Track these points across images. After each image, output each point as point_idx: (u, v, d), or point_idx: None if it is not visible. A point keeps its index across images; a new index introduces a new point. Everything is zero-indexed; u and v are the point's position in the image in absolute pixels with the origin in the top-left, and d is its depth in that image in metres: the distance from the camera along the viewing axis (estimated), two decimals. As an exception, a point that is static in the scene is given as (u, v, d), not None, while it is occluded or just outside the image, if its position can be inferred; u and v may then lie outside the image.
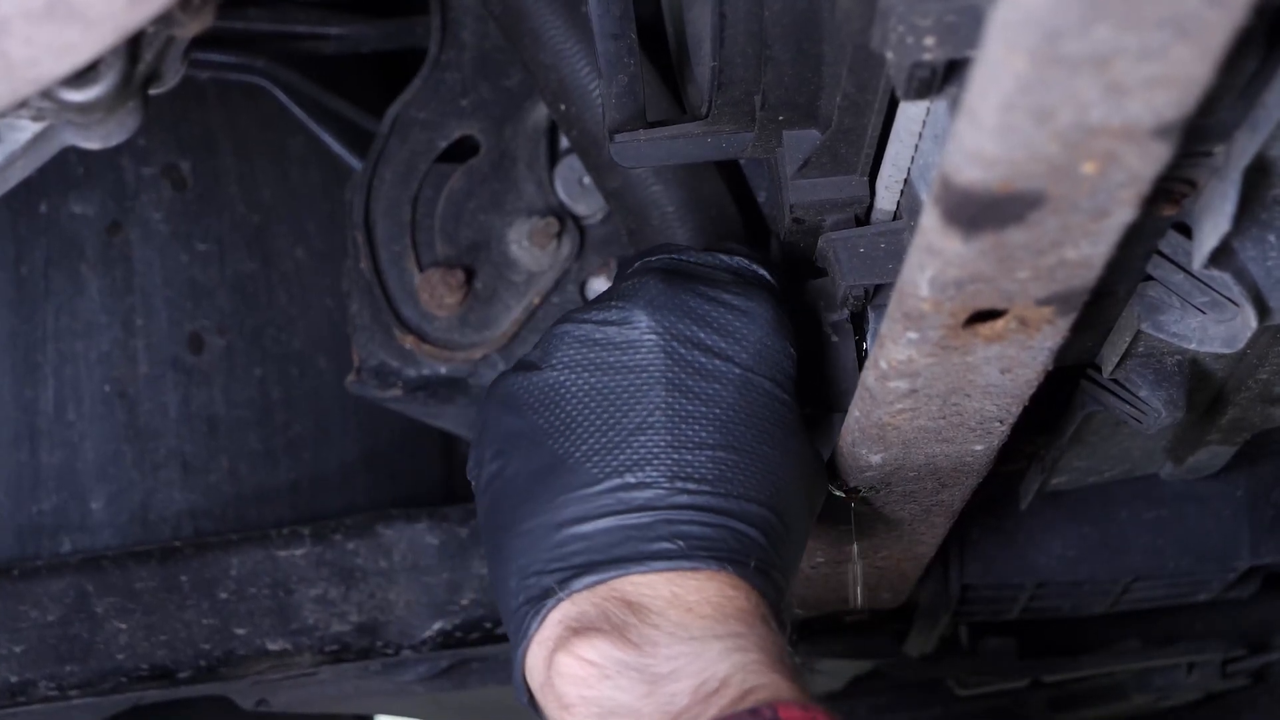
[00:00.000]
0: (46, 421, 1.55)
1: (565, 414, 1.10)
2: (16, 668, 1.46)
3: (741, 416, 1.09)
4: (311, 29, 1.64)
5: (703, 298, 1.12)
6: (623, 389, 1.10)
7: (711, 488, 1.07)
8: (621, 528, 1.06)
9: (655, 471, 1.07)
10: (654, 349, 1.10)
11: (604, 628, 1.03)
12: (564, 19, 1.33)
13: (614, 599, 1.05)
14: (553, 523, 1.08)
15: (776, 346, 1.12)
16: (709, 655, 1.01)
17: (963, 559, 1.69)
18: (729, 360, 1.10)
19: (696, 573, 1.05)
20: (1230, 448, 1.35)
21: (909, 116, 0.98)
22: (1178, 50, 0.66)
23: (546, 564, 1.07)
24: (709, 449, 1.08)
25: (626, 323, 1.11)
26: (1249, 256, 1.00)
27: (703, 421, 1.08)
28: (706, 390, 1.09)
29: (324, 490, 1.67)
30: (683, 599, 1.04)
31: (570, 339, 1.12)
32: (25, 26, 0.82)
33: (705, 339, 1.11)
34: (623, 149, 1.12)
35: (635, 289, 1.13)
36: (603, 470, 1.08)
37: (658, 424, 1.08)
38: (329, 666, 1.52)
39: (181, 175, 1.62)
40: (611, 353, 1.11)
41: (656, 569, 1.05)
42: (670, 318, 1.11)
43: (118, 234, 1.59)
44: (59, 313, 1.56)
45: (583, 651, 1.03)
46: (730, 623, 1.03)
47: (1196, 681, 2.04)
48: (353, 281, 1.50)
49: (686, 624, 1.03)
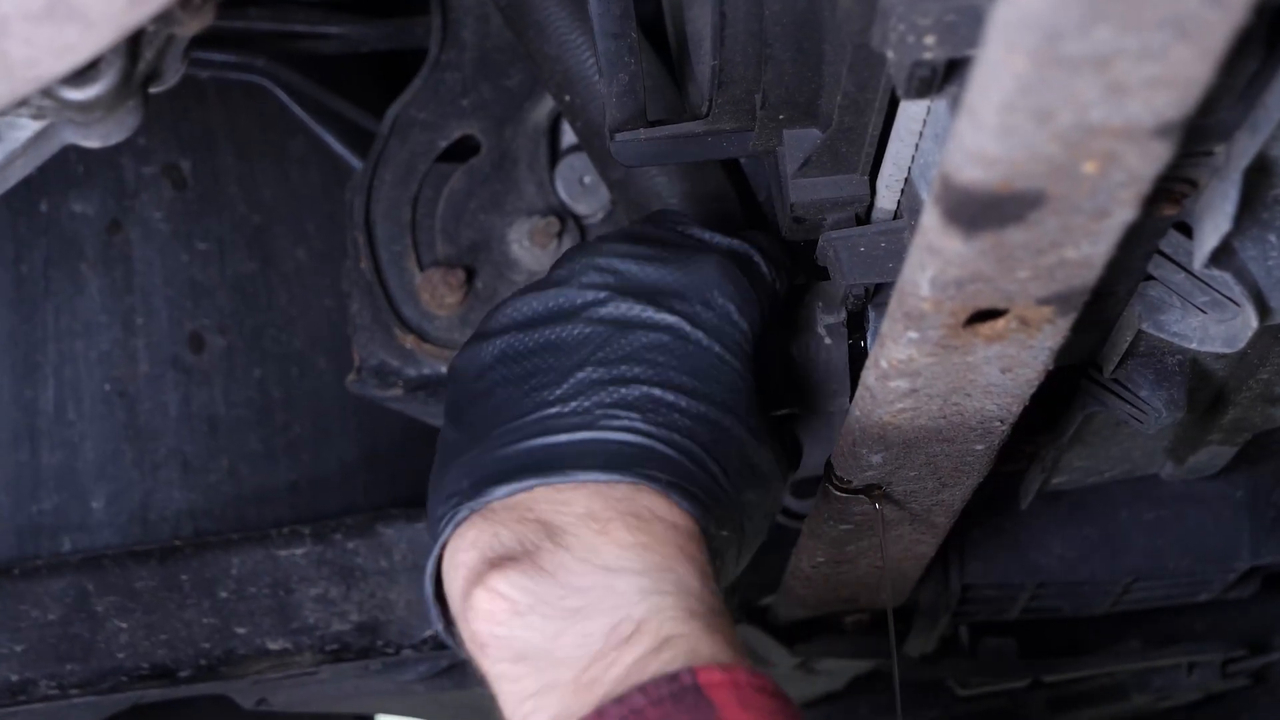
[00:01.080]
0: (47, 421, 1.55)
1: (511, 367, 1.11)
2: (17, 667, 1.46)
3: (679, 362, 1.09)
4: (312, 28, 1.64)
5: (645, 258, 1.12)
6: (560, 340, 1.10)
7: (642, 417, 1.06)
8: (544, 446, 1.06)
9: (586, 400, 1.07)
10: (590, 302, 1.10)
11: (517, 555, 1.01)
12: (569, 10, 1.33)
13: (529, 519, 1.03)
14: (481, 453, 1.08)
15: (721, 308, 1.11)
16: (623, 590, 0.99)
17: (963, 559, 1.69)
18: (670, 311, 1.10)
19: (614, 487, 1.03)
20: (1231, 448, 1.35)
21: (909, 115, 0.98)
22: (1178, 50, 0.66)
23: (464, 484, 1.07)
24: (642, 384, 1.07)
25: (568, 281, 1.12)
26: (1249, 256, 1.00)
27: (640, 360, 1.08)
28: (646, 337, 1.09)
29: (324, 490, 1.67)
30: (597, 516, 1.02)
31: (516, 306, 1.13)
32: (25, 26, 0.82)
33: (649, 295, 1.10)
34: (623, 148, 1.12)
35: (585, 248, 1.15)
36: (534, 403, 1.08)
37: (595, 360, 1.08)
38: (329, 666, 1.52)
39: (182, 174, 1.62)
40: (554, 311, 1.11)
41: (573, 479, 1.04)
42: (617, 276, 1.11)
43: (118, 233, 1.59)
44: (59, 312, 1.56)
45: (496, 583, 1.01)
46: (648, 555, 1.01)
47: (1197, 682, 2.04)
48: (353, 281, 1.50)
49: (600, 549, 1.01)
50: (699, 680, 0.92)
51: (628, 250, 1.13)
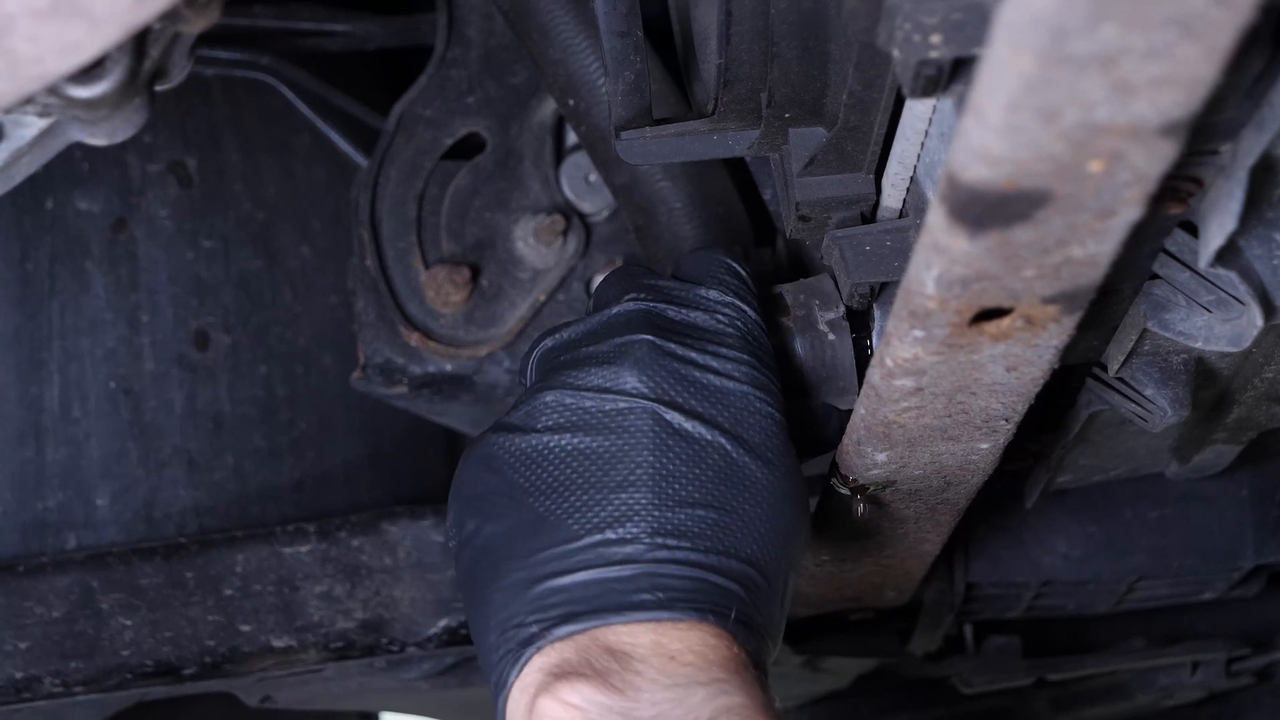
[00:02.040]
0: (52, 419, 1.56)
1: (548, 474, 1.10)
2: (22, 664, 1.46)
3: (724, 477, 1.10)
4: (317, 26, 1.64)
5: (686, 361, 1.12)
6: (606, 451, 1.10)
7: (693, 544, 1.07)
8: (602, 580, 1.06)
9: (637, 528, 1.07)
10: (640, 413, 1.10)
11: (587, 672, 1.03)
12: (572, 14, 1.33)
13: (596, 647, 1.04)
14: (532, 577, 1.08)
15: (758, 410, 1.12)
16: (692, 700, 1.01)
17: (968, 557, 1.69)
18: (712, 424, 1.10)
19: (678, 623, 1.05)
20: (1235, 447, 1.34)
21: (915, 114, 0.98)
22: (1184, 49, 0.66)
23: (526, 615, 1.07)
24: (690, 507, 1.08)
25: (615, 389, 1.11)
26: (1255, 255, 1.00)
27: (685, 480, 1.09)
28: (689, 451, 1.10)
29: (329, 487, 1.67)
30: (665, 647, 1.04)
31: (554, 405, 1.12)
32: (31, 24, 0.82)
33: (689, 403, 1.11)
34: (628, 146, 1.12)
35: (622, 351, 1.13)
36: (584, 526, 1.08)
37: (641, 482, 1.08)
38: (334, 663, 1.52)
39: (187, 172, 1.62)
40: (597, 417, 1.11)
41: (638, 619, 1.05)
42: (656, 382, 1.11)
43: (123, 231, 1.59)
44: (64, 310, 1.56)
45: (566, 695, 1.02)
46: (714, 670, 1.03)
47: (1201, 681, 2.03)
48: (358, 279, 1.50)
49: (669, 671, 1.03)
50: None
51: (667, 348, 1.13)
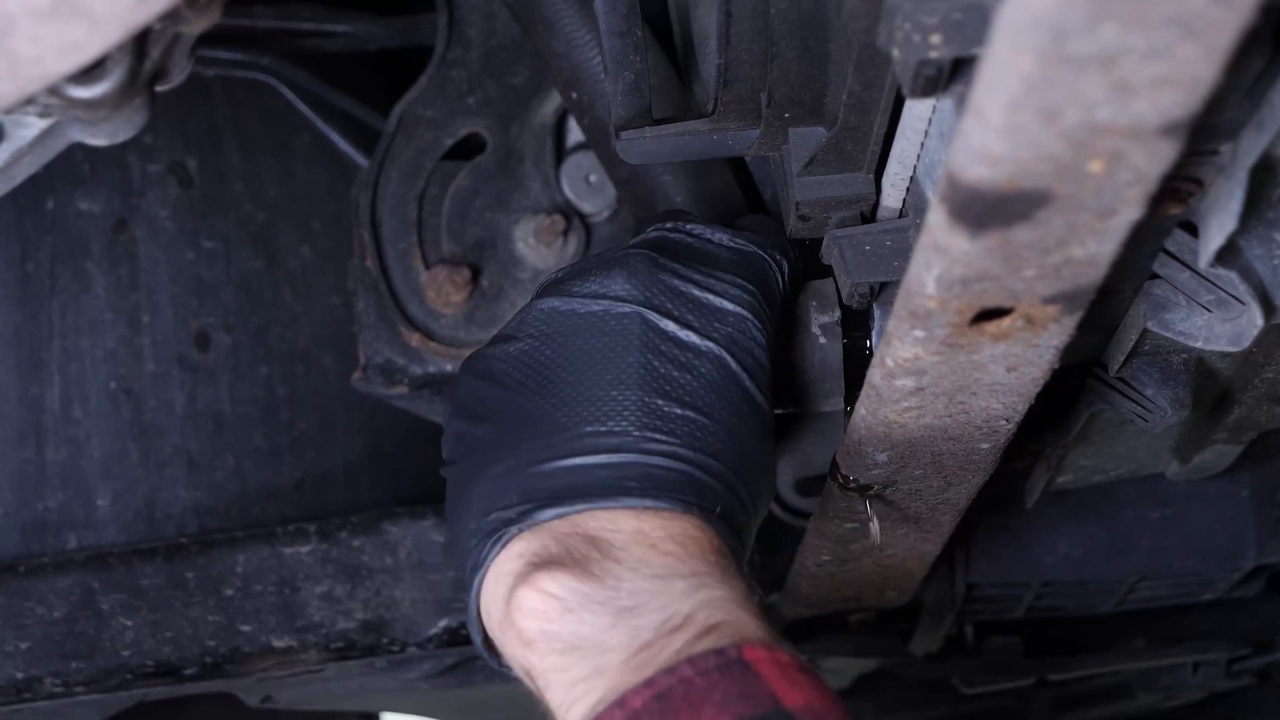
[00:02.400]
0: (52, 419, 1.56)
1: (538, 374, 1.11)
2: (22, 664, 1.46)
3: (712, 388, 1.10)
4: (318, 26, 1.64)
5: (685, 279, 1.13)
6: (596, 351, 1.10)
7: (681, 441, 1.07)
8: (588, 467, 1.06)
9: (626, 422, 1.07)
10: (629, 316, 1.11)
11: (566, 561, 1.03)
12: (576, 8, 1.33)
13: (576, 534, 1.04)
14: (518, 465, 1.08)
15: (751, 337, 1.13)
16: (673, 592, 1.01)
17: (968, 558, 1.69)
18: (704, 336, 1.11)
19: (661, 513, 1.05)
20: (1236, 447, 1.34)
21: (915, 114, 0.98)
22: (1184, 49, 0.66)
23: (509, 500, 1.07)
24: (680, 407, 1.08)
25: (603, 294, 1.12)
26: (1255, 255, 1.00)
27: (674, 384, 1.09)
28: (680, 358, 1.10)
29: (329, 488, 1.67)
30: (647, 535, 1.04)
31: (544, 311, 1.13)
32: (31, 24, 0.82)
33: (681, 314, 1.11)
34: (629, 146, 1.12)
35: (618, 259, 1.14)
36: (571, 419, 1.08)
37: (630, 381, 1.09)
38: (334, 664, 1.52)
39: (188, 172, 1.62)
40: (587, 320, 1.11)
41: (622, 504, 1.05)
42: (648, 290, 1.11)
43: (124, 231, 1.59)
44: (65, 310, 1.56)
45: (544, 584, 1.02)
46: (694, 562, 1.03)
47: (1202, 681, 2.03)
48: (358, 279, 1.50)
49: (650, 560, 1.03)
50: (745, 655, 0.95)
51: (660, 262, 1.13)
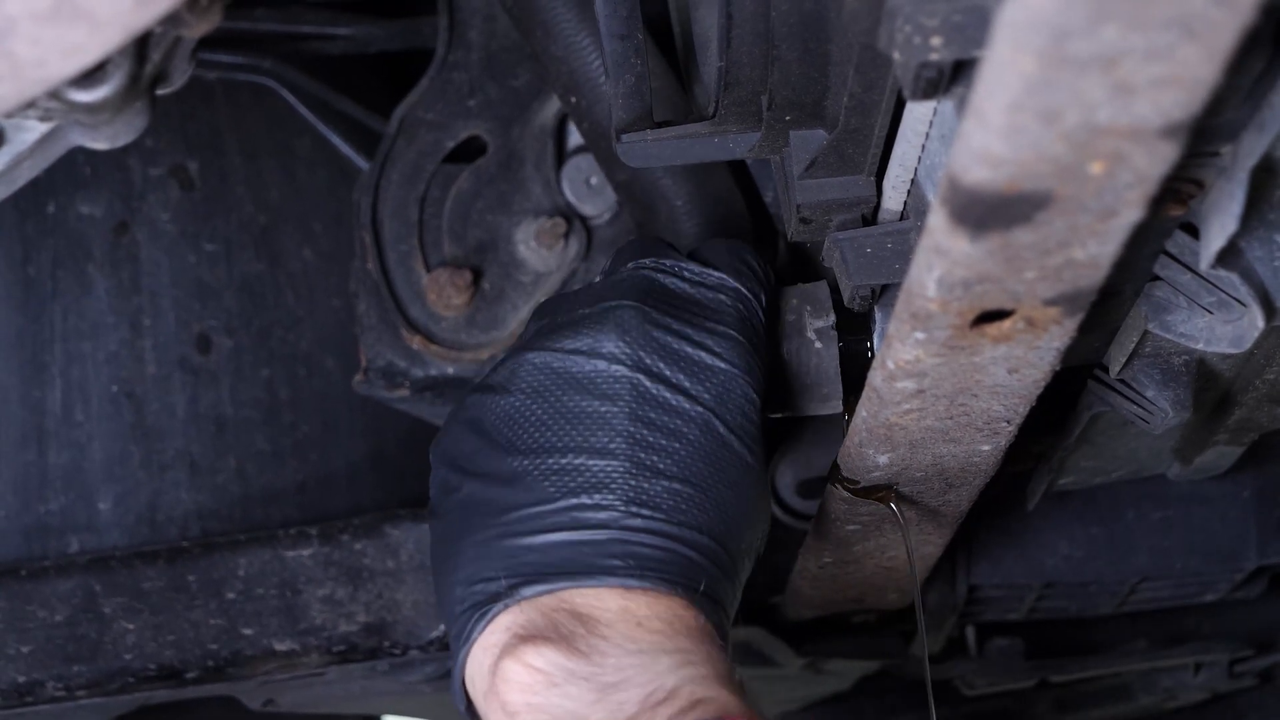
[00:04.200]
0: (54, 422, 1.56)
1: (525, 435, 1.11)
2: (24, 668, 1.46)
3: (700, 454, 1.10)
4: (319, 29, 1.64)
5: (674, 334, 1.13)
6: (585, 414, 1.10)
7: (666, 516, 1.08)
8: (574, 543, 1.07)
9: (612, 495, 1.08)
10: (620, 379, 1.11)
11: (552, 636, 1.04)
12: (575, 12, 1.33)
13: (563, 610, 1.05)
14: (505, 534, 1.08)
15: (740, 394, 1.13)
16: (658, 668, 1.02)
17: (970, 559, 1.69)
18: (693, 399, 1.11)
19: (647, 592, 1.06)
20: (1237, 448, 1.34)
21: (916, 117, 0.98)
22: (1185, 51, 0.66)
23: (495, 572, 1.07)
24: (666, 479, 1.09)
25: (595, 353, 1.12)
26: (1256, 256, 1.00)
27: (662, 454, 1.10)
28: (668, 425, 1.10)
29: (331, 490, 1.67)
30: (633, 613, 1.05)
31: (536, 366, 1.13)
32: (32, 27, 0.82)
33: (671, 375, 1.11)
34: (629, 149, 1.12)
35: (607, 315, 1.14)
36: (559, 489, 1.08)
37: (618, 451, 1.09)
38: (336, 667, 1.51)
39: (189, 176, 1.62)
40: (577, 380, 1.11)
41: (608, 584, 1.06)
42: (639, 350, 1.12)
43: (125, 234, 1.59)
44: (66, 313, 1.56)
45: (530, 658, 1.03)
46: (679, 639, 1.04)
47: (1203, 682, 2.03)
48: (360, 282, 1.50)
49: (635, 637, 1.04)
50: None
51: (650, 316, 1.13)
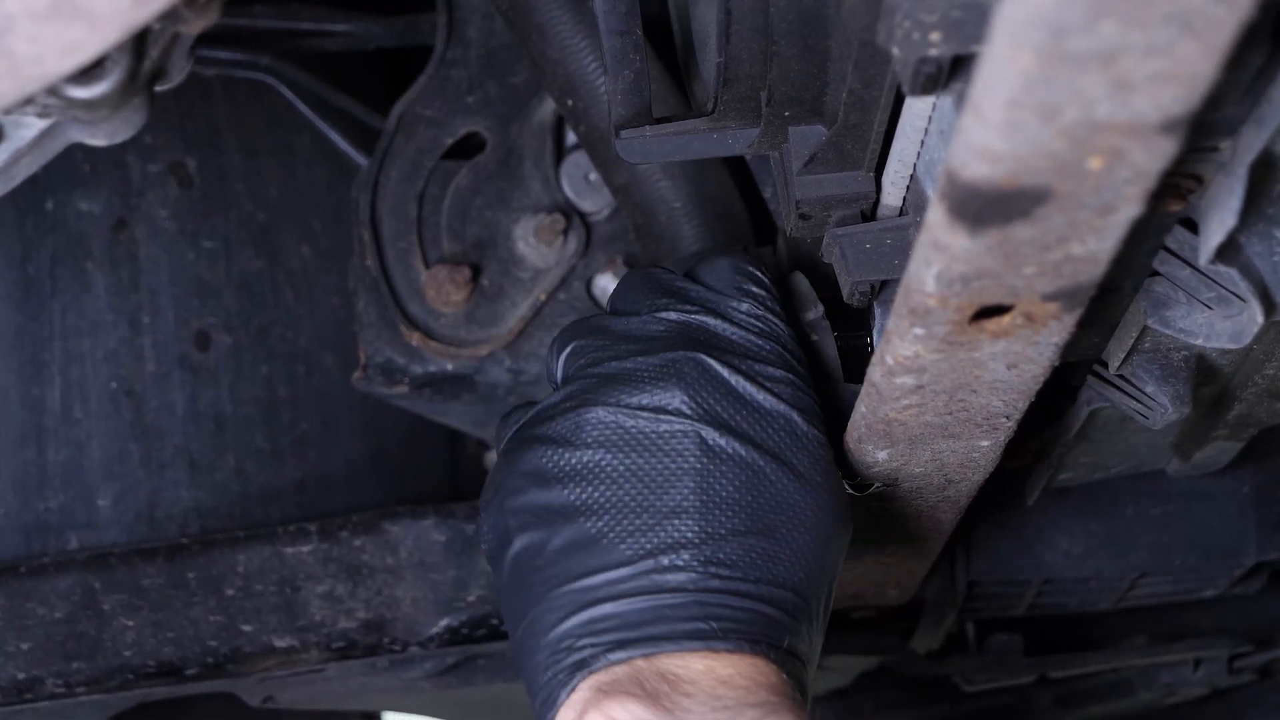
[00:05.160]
0: (53, 420, 1.56)
1: (598, 493, 1.11)
2: (24, 665, 1.46)
3: (772, 502, 1.11)
4: (317, 26, 1.64)
5: (734, 384, 1.13)
6: (657, 472, 1.11)
7: (743, 573, 1.08)
8: (655, 607, 1.07)
9: (688, 555, 1.08)
10: (689, 436, 1.11)
11: (638, 693, 1.04)
12: (571, 14, 1.33)
13: (648, 670, 1.06)
14: (585, 599, 1.08)
15: (804, 431, 1.13)
16: (743, 719, 1.03)
17: (969, 555, 1.69)
18: (760, 447, 1.11)
19: (730, 653, 1.07)
20: (1237, 443, 1.34)
21: (915, 112, 0.98)
22: (1184, 46, 0.66)
23: (578, 639, 1.08)
24: (739, 535, 1.09)
25: (663, 410, 1.12)
26: (1255, 252, 1.00)
27: (734, 509, 1.10)
28: (738, 476, 1.11)
29: (330, 487, 1.67)
30: (717, 672, 1.05)
31: (604, 423, 1.13)
32: (30, 24, 0.82)
33: (738, 425, 1.12)
34: (628, 145, 1.12)
35: (671, 370, 1.14)
36: (636, 552, 1.09)
37: (690, 509, 1.09)
38: (336, 663, 1.52)
39: (188, 173, 1.62)
40: (648, 438, 1.12)
41: (692, 648, 1.06)
42: (704, 404, 1.12)
43: (124, 232, 1.59)
44: (65, 311, 1.56)
45: (614, 711, 1.03)
46: (761, 693, 1.05)
47: (1203, 678, 2.03)
48: (359, 279, 1.51)
49: (719, 695, 1.04)
50: None
51: (714, 369, 1.13)
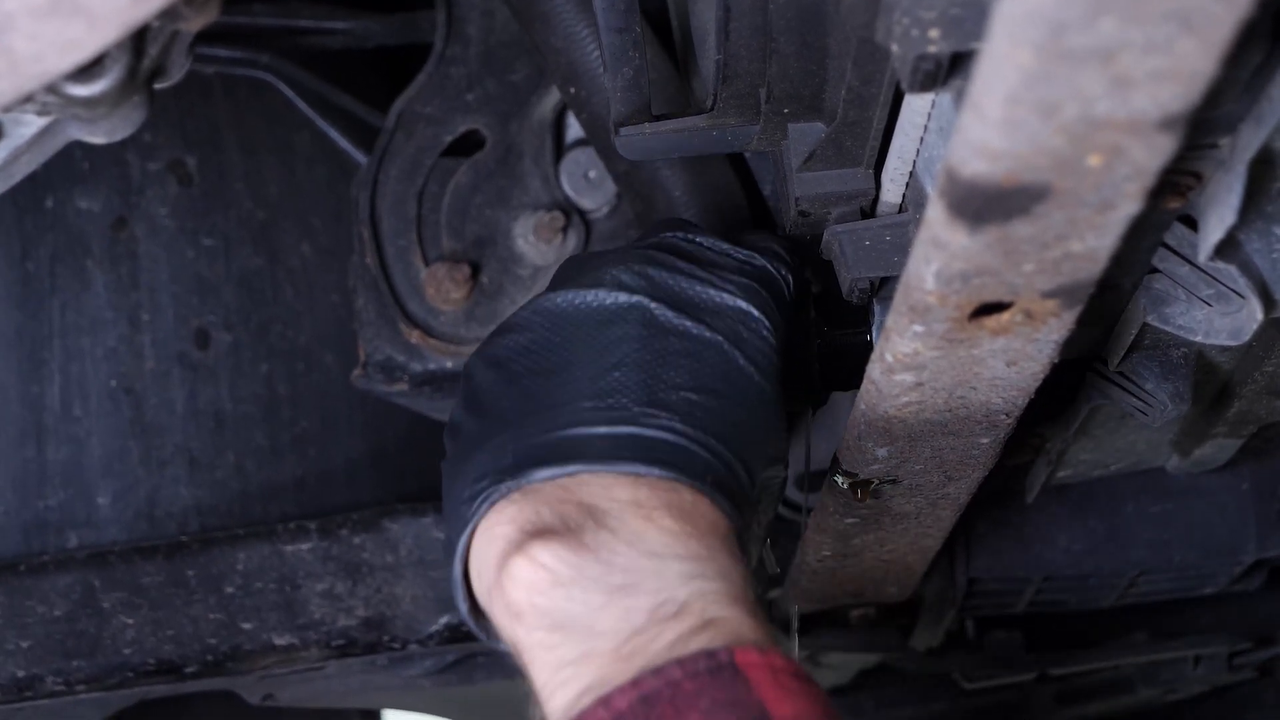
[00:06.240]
0: (53, 418, 1.56)
1: (539, 360, 1.10)
2: (23, 663, 1.46)
3: (715, 373, 1.09)
4: (317, 24, 1.64)
5: (688, 275, 1.12)
6: (600, 339, 1.09)
7: (681, 418, 1.06)
8: (585, 436, 1.05)
9: (626, 398, 1.06)
10: (634, 307, 1.10)
11: (560, 530, 1.01)
12: (575, 3, 1.33)
13: (571, 502, 1.03)
14: (513, 438, 1.06)
15: (755, 329, 1.11)
16: (668, 574, 0.99)
17: (969, 552, 1.69)
18: (708, 327, 1.10)
19: (656, 482, 1.04)
20: (1236, 440, 1.34)
21: (914, 109, 0.98)
22: (1183, 43, 0.66)
23: (503, 464, 1.05)
24: (681, 389, 1.07)
25: (608, 284, 1.11)
26: (1254, 249, 1.00)
27: (677, 367, 1.08)
28: (685, 346, 1.09)
29: (330, 485, 1.67)
30: (642, 505, 1.02)
31: (550, 304, 1.12)
32: (30, 22, 0.82)
33: (686, 304, 1.10)
34: (628, 142, 1.12)
35: (621, 255, 1.14)
36: (572, 396, 1.07)
37: (631, 363, 1.08)
38: (335, 661, 1.52)
39: (187, 171, 1.62)
40: (592, 310, 1.10)
41: (617, 469, 1.03)
42: (651, 282, 1.11)
43: (123, 230, 1.59)
44: (65, 309, 1.56)
45: (538, 554, 1.00)
46: (691, 543, 1.01)
47: (1203, 675, 2.03)
48: (358, 277, 1.51)
49: (645, 534, 1.01)
50: (736, 659, 0.93)
51: (663, 260, 1.12)
